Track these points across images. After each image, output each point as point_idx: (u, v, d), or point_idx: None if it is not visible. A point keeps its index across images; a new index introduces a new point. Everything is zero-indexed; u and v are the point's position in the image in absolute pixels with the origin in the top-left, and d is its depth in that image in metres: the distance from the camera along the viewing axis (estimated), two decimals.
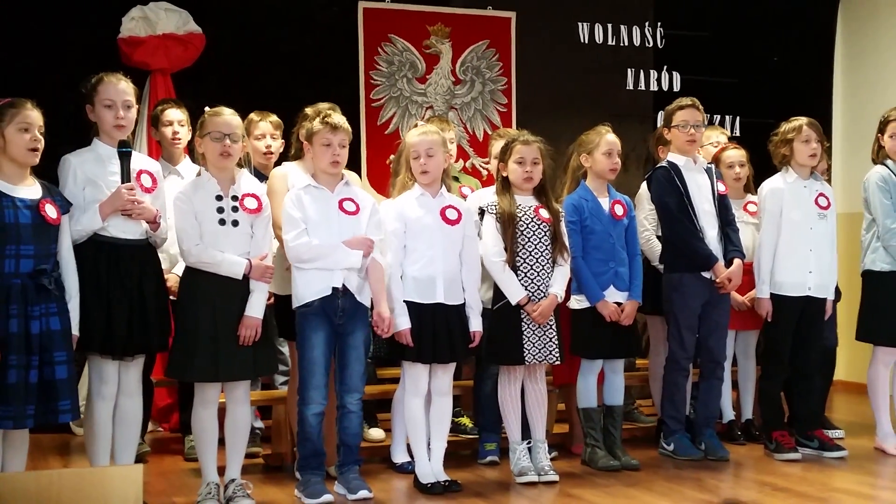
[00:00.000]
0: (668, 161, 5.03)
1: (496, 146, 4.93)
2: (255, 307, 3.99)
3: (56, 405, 3.62)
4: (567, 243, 4.56)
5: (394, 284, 4.27)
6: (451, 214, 4.36)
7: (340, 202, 4.17)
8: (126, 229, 3.91)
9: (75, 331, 3.75)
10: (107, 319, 3.85)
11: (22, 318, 3.57)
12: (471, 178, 5.79)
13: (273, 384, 5.26)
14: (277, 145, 5.06)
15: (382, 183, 5.25)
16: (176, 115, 5.09)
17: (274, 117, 5.06)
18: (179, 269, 4.34)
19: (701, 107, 5.03)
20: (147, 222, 3.95)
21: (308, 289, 4.10)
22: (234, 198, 4.01)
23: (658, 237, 5.12)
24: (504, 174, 4.56)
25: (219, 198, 3.99)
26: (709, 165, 5.10)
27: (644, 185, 5.18)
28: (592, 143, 4.78)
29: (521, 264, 4.46)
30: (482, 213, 4.54)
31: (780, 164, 5.08)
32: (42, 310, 3.62)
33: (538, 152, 4.52)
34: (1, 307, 3.55)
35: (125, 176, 3.91)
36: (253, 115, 5.04)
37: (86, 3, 5.90)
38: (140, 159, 4.14)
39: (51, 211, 3.69)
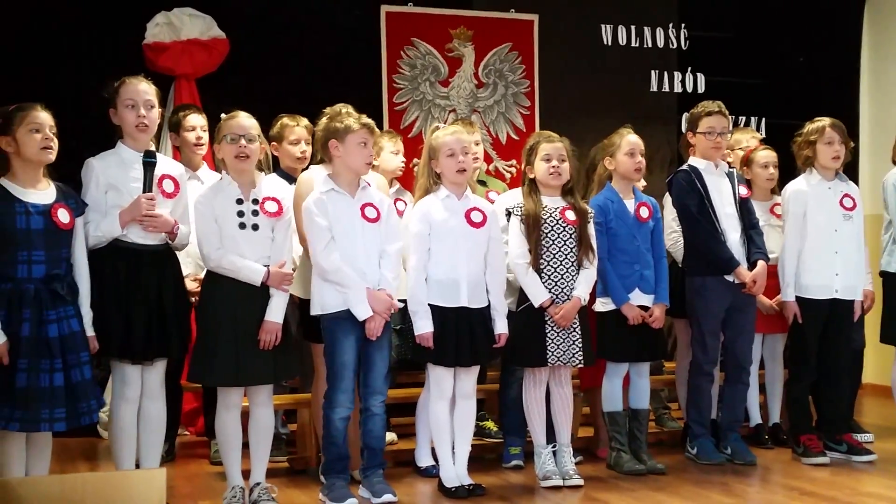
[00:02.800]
0: (688, 164, 5.00)
1: None
2: (275, 312, 3.99)
3: (88, 405, 3.68)
4: (594, 245, 4.53)
5: (418, 287, 4.26)
6: (477, 217, 4.35)
7: (362, 208, 4.16)
8: (146, 235, 3.94)
9: (90, 332, 3.78)
10: (126, 324, 3.87)
11: (35, 323, 3.60)
12: (497, 181, 5.77)
13: (302, 388, 5.25)
14: (310, 150, 5.06)
15: (406, 186, 5.25)
16: (198, 121, 5.12)
17: (306, 122, 5.02)
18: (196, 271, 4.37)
19: (727, 112, 4.98)
20: (164, 232, 3.97)
21: (336, 299, 4.09)
22: (255, 201, 4.02)
23: None
24: (531, 176, 4.54)
25: (239, 201, 4.00)
26: (730, 170, 5.05)
27: None
28: (614, 144, 4.77)
29: (545, 267, 4.44)
30: (509, 214, 4.53)
31: (803, 166, 5.03)
32: (60, 313, 3.65)
33: (564, 150, 4.51)
34: (14, 312, 3.59)
35: (147, 186, 3.93)
36: (286, 120, 4.99)
37: (111, 10, 5.95)
38: (164, 163, 4.15)
39: (63, 216, 3.72)
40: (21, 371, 3.57)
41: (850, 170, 6.09)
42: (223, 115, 4.11)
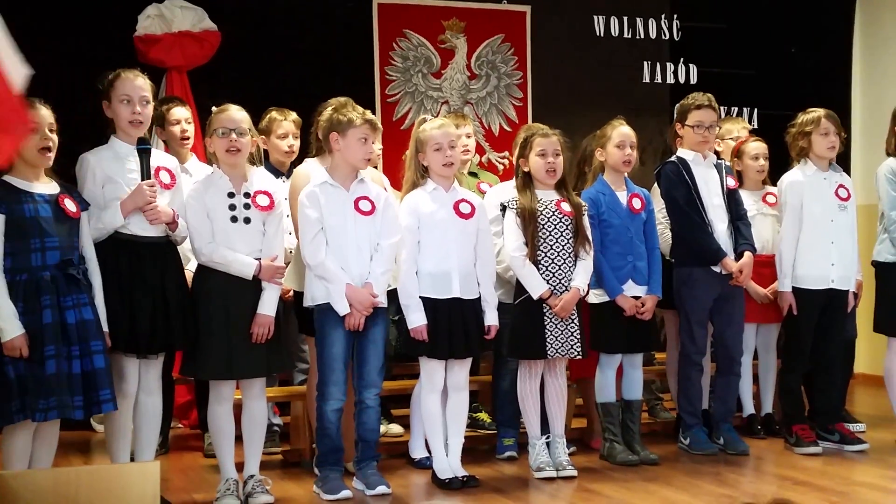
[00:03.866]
0: (676, 156, 5.00)
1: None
2: (267, 305, 3.99)
3: (98, 395, 3.65)
4: (590, 236, 4.54)
5: (409, 280, 4.26)
6: (465, 208, 4.35)
7: (356, 202, 4.16)
8: (146, 227, 3.93)
9: (105, 326, 3.76)
10: (130, 318, 3.86)
11: (56, 309, 3.59)
12: (489, 173, 5.77)
13: (291, 380, 5.27)
14: (297, 144, 5.06)
15: (397, 178, 5.24)
16: (182, 114, 5.10)
17: (294, 115, 5.05)
18: (193, 266, 4.35)
19: (716, 105, 4.99)
20: (165, 224, 3.96)
21: (323, 291, 4.10)
22: (247, 195, 4.02)
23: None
24: (525, 169, 4.54)
25: (231, 195, 4.00)
26: (718, 161, 5.06)
27: None
28: (606, 136, 4.78)
29: (543, 258, 4.44)
30: (504, 209, 4.53)
31: (797, 157, 5.04)
32: (74, 300, 3.64)
33: (559, 144, 4.51)
34: (33, 300, 3.57)
35: (145, 173, 3.93)
36: (275, 114, 5.01)
37: (102, 2, 5.93)
38: (158, 156, 4.14)
39: (70, 205, 3.71)
40: (50, 358, 3.55)
41: (843, 161, 6.10)
42: (214, 108, 4.10)
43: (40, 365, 3.54)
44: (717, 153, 5.21)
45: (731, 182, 5.01)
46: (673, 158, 5.01)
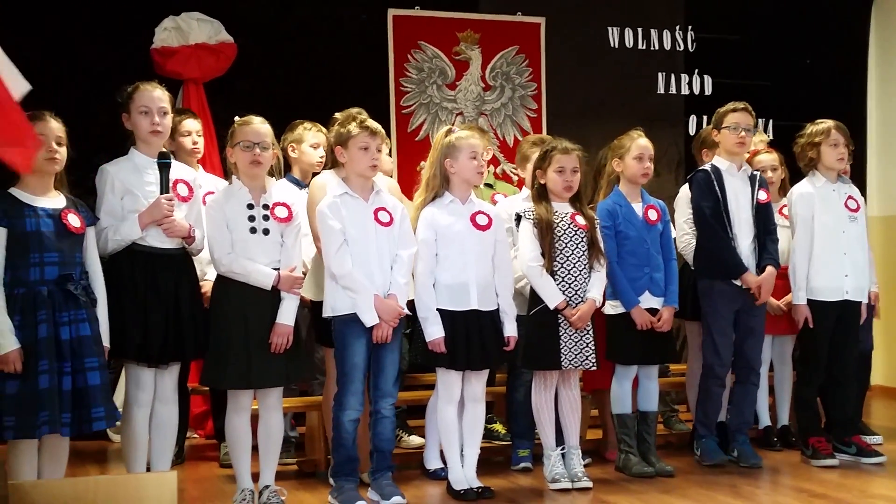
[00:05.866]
0: (711, 164, 4.99)
1: (524, 152, 4.90)
2: (286, 315, 4.01)
3: (90, 412, 3.65)
4: (603, 249, 4.54)
5: (426, 293, 4.26)
6: (482, 220, 4.36)
7: (375, 212, 4.18)
8: (163, 239, 3.97)
9: (105, 342, 3.78)
10: (143, 327, 3.89)
11: (51, 324, 3.61)
12: (506, 184, 5.77)
13: (311, 391, 5.27)
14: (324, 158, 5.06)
15: (412, 190, 5.27)
16: (193, 126, 5.10)
17: (324, 130, 5.05)
18: (210, 277, 4.37)
19: (753, 112, 4.98)
20: (181, 238, 3.99)
21: (346, 301, 4.10)
22: (265, 206, 4.04)
23: None
24: (542, 181, 4.55)
25: (250, 206, 4.02)
26: (753, 172, 5.03)
27: (685, 186, 5.10)
28: (624, 147, 4.77)
29: (559, 269, 4.44)
30: (518, 218, 4.53)
31: (806, 168, 5.03)
32: (71, 316, 3.66)
33: (577, 161, 4.51)
34: (29, 314, 3.60)
35: (164, 187, 3.96)
36: (307, 124, 4.99)
37: (119, 14, 5.97)
38: (177, 168, 4.17)
39: (73, 220, 3.73)
40: (43, 373, 3.56)
41: (858, 171, 6.10)
42: (237, 119, 4.12)
43: (34, 379, 3.55)
44: None
45: (762, 195, 4.96)
46: (706, 167, 4.99)
